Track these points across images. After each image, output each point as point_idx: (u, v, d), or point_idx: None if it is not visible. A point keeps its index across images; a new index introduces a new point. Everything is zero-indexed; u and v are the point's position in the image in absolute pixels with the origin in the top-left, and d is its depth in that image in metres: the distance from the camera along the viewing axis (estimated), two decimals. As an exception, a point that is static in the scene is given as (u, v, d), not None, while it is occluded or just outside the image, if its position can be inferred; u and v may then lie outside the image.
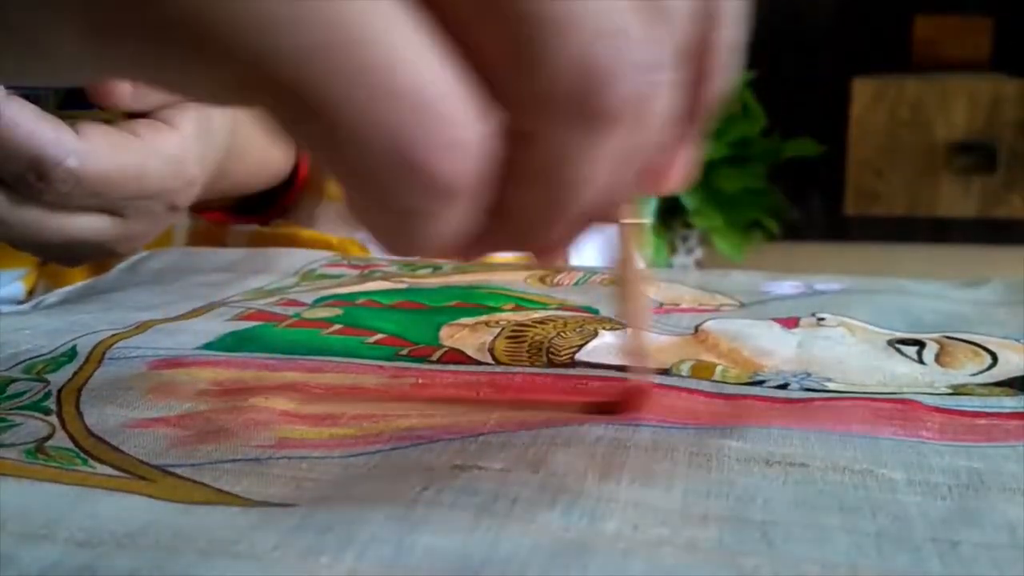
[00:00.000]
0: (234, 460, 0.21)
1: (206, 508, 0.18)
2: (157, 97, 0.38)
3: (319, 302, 0.35)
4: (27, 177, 0.34)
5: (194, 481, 0.20)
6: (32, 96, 0.35)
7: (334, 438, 0.22)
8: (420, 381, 0.26)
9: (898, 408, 0.23)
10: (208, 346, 0.29)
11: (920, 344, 0.29)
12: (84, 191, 0.36)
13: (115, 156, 0.36)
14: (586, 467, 0.20)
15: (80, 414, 0.24)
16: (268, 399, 0.24)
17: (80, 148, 0.35)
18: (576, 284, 0.39)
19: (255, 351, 0.29)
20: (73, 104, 0.37)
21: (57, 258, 0.42)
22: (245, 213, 0.57)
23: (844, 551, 0.17)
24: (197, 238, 0.57)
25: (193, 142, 0.40)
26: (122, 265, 0.42)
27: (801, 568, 0.16)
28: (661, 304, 0.35)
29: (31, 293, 0.50)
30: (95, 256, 0.41)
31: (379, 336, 0.30)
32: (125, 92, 0.37)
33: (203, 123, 0.40)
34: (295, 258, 0.44)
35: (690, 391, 0.25)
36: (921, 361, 0.28)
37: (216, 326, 0.32)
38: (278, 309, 0.34)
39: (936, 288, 0.37)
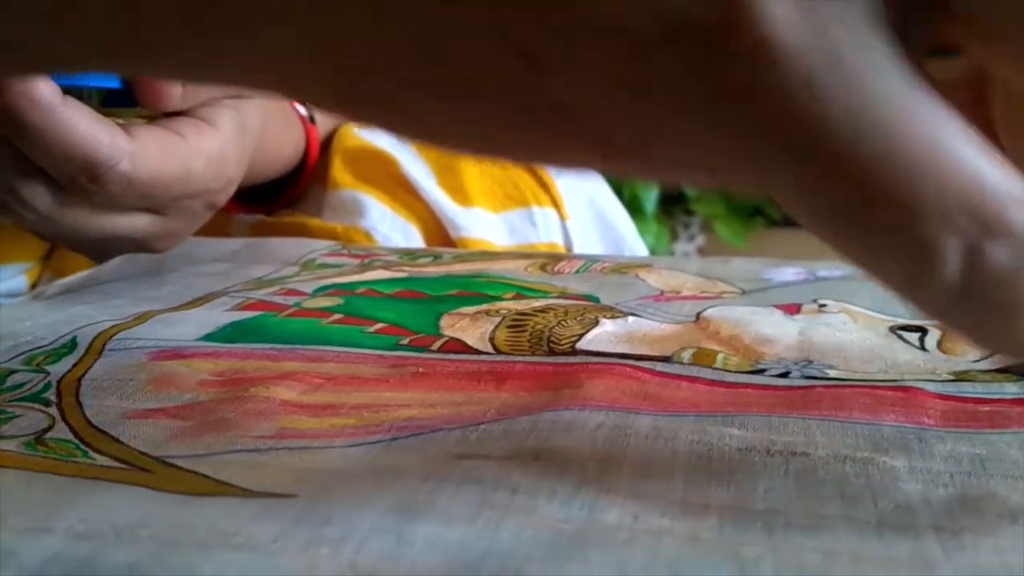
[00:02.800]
0: (234, 451, 0.21)
1: (206, 499, 0.18)
2: (200, 96, 0.38)
3: (319, 292, 0.35)
4: (80, 178, 0.34)
5: (194, 472, 0.20)
6: (76, 94, 0.35)
7: (334, 428, 0.22)
8: (421, 371, 0.26)
9: (900, 395, 0.23)
10: (208, 337, 0.29)
11: (922, 330, 0.29)
12: (133, 192, 0.36)
13: (164, 158, 0.36)
14: (587, 456, 0.20)
15: (80, 405, 0.24)
16: (269, 389, 0.24)
17: (133, 151, 0.35)
18: (577, 272, 0.39)
19: (255, 341, 0.29)
20: (114, 102, 0.37)
21: (92, 253, 0.42)
22: (251, 202, 0.57)
23: (845, 539, 0.16)
24: (200, 228, 0.57)
25: (232, 142, 0.40)
26: (122, 255, 0.42)
27: (802, 557, 0.16)
28: (662, 292, 0.35)
29: (34, 287, 0.50)
30: (132, 251, 0.41)
31: (379, 325, 0.30)
32: (176, 93, 0.37)
33: (240, 122, 0.40)
34: (295, 248, 0.44)
35: (691, 379, 0.25)
36: (923, 348, 0.28)
37: (216, 316, 0.32)
38: (278, 299, 0.34)
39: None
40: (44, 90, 0.32)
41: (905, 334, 0.29)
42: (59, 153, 0.34)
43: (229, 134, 0.40)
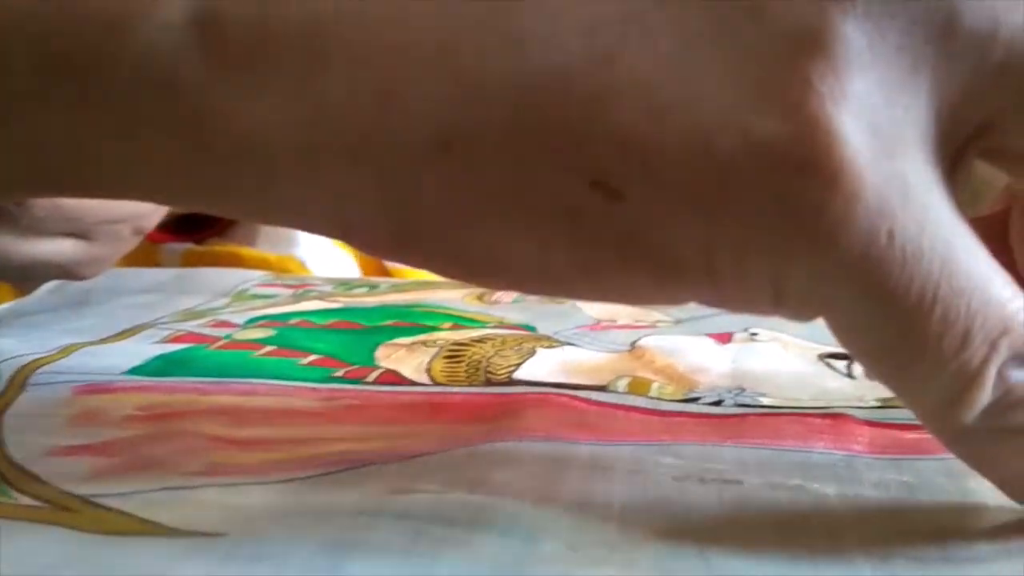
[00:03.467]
0: (162, 489, 0.20)
1: (132, 539, 0.18)
2: None
3: (251, 323, 0.34)
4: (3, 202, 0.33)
5: (119, 511, 0.19)
6: None
7: (266, 463, 0.21)
8: (356, 403, 0.26)
9: (829, 423, 0.24)
10: (135, 370, 0.29)
11: (850, 358, 0.29)
12: (59, 215, 0.35)
13: None
14: (524, 487, 0.20)
15: (1, 442, 0.23)
16: (198, 424, 0.24)
17: None
18: (514, 302, 0.39)
19: (185, 375, 0.28)
20: None
21: (16, 280, 0.40)
22: (180, 230, 0.55)
23: (779, 565, 0.17)
24: (128, 257, 0.56)
25: None
26: (47, 287, 0.41)
27: (737, 585, 0.16)
28: (599, 321, 0.35)
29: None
30: (57, 278, 0.40)
31: (313, 357, 0.30)
32: None
33: None
34: (226, 278, 0.43)
35: (627, 408, 0.25)
36: (851, 375, 0.28)
37: (144, 349, 0.31)
38: (208, 331, 0.33)
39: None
40: None
41: (833, 362, 0.29)
42: None
43: None
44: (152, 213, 0.40)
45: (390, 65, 0.15)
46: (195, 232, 0.56)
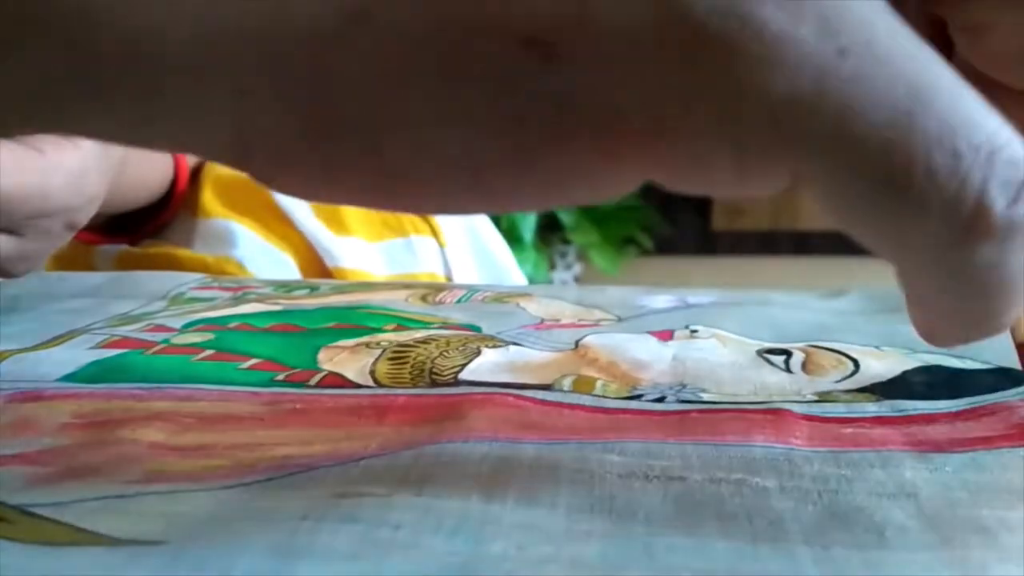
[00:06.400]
0: (100, 498, 0.19)
1: (70, 550, 0.17)
2: None
3: (189, 327, 0.34)
4: None
5: (56, 521, 0.18)
6: None
7: (207, 470, 0.21)
8: (298, 407, 0.25)
9: (769, 417, 0.24)
10: (69, 377, 0.28)
11: (787, 353, 0.30)
12: None
13: (20, 173, 0.34)
14: (471, 487, 0.20)
15: (-74, 454, 0.22)
16: (136, 431, 0.23)
17: None
18: (458, 302, 0.39)
19: (121, 381, 0.27)
20: None
21: None
22: (114, 232, 0.54)
23: (723, 558, 0.17)
24: (61, 261, 0.54)
25: (93, 158, 0.38)
26: (-27, 291, 0.39)
27: (683, 579, 0.16)
28: (543, 320, 0.35)
29: None
30: None
31: (253, 361, 0.29)
32: None
33: None
34: (162, 281, 0.42)
35: (572, 406, 0.25)
36: (789, 370, 0.29)
37: (78, 355, 0.30)
38: (145, 335, 0.33)
39: (799, 299, 0.38)
40: None
41: (771, 357, 0.30)
42: None
43: (90, 150, 0.38)
44: (84, 207, 0.39)
45: None
46: (128, 234, 0.55)
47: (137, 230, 0.55)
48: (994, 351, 0.29)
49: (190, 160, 0.56)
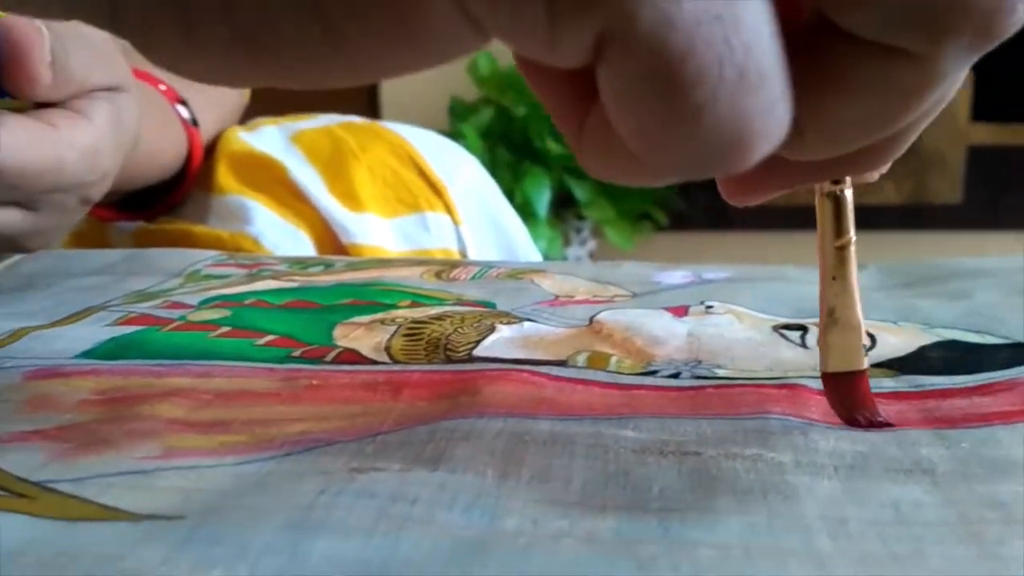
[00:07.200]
0: (118, 473, 0.20)
1: (90, 524, 0.18)
2: (72, 86, 0.36)
3: (205, 304, 0.34)
4: None
5: (76, 497, 0.19)
6: None
7: (224, 446, 0.21)
8: (314, 383, 0.26)
9: (784, 392, 0.24)
10: (87, 354, 0.28)
11: (803, 329, 0.30)
12: (1, 184, 0.34)
13: (34, 148, 0.34)
14: (486, 464, 0.20)
15: (-52, 430, 0.22)
16: (154, 407, 0.23)
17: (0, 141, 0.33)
18: (473, 278, 0.39)
19: (138, 357, 0.28)
20: None
21: None
22: (130, 209, 0.54)
23: (738, 532, 0.17)
24: (78, 238, 0.55)
25: (108, 133, 0.38)
26: (-9, 269, 0.40)
27: (697, 553, 0.16)
28: (557, 296, 0.35)
29: None
30: (2, 251, 0.39)
31: (270, 338, 0.30)
32: (45, 82, 0.35)
33: (115, 114, 0.39)
34: (178, 258, 0.42)
35: (587, 383, 0.25)
36: (805, 345, 0.29)
37: (95, 332, 0.30)
38: (162, 312, 0.33)
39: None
40: None
41: (787, 333, 0.30)
42: None
43: (104, 126, 0.38)
44: (98, 182, 0.39)
45: None
46: (144, 211, 0.55)
47: (152, 207, 0.55)
48: (1011, 326, 0.29)
49: (204, 137, 0.56)
